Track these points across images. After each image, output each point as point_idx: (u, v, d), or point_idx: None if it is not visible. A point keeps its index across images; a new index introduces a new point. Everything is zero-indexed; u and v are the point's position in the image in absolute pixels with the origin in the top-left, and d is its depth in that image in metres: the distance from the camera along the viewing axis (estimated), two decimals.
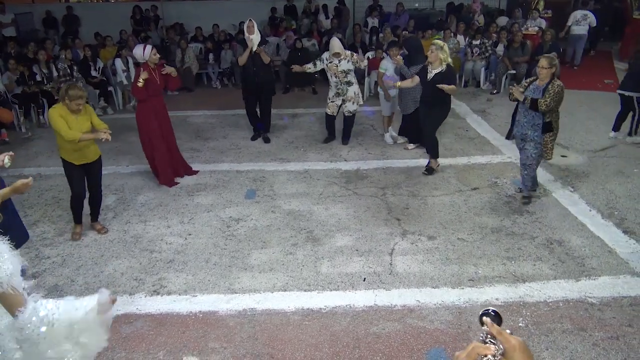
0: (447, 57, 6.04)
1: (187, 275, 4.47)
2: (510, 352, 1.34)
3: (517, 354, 1.33)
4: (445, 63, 6.01)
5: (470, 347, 1.37)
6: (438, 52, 5.96)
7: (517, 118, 5.50)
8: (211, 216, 5.51)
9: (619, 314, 3.84)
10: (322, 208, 5.62)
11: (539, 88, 5.21)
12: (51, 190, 6.23)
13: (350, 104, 7.36)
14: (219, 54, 11.48)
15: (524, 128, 5.36)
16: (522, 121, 5.38)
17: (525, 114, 5.32)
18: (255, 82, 7.29)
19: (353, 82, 7.31)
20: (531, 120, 5.27)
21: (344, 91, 7.27)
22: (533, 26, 11.86)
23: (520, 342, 1.36)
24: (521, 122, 5.40)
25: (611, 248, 4.72)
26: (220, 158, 7.18)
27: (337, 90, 7.31)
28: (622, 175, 6.26)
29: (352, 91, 7.30)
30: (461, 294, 4.13)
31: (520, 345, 1.35)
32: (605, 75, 11.15)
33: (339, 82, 7.23)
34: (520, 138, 5.45)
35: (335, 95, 7.36)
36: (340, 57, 7.12)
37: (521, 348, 1.35)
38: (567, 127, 8.04)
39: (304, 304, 4.05)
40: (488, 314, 1.48)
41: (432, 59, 6.02)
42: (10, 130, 8.34)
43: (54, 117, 4.65)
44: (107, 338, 2.26)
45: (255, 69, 7.20)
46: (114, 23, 12.71)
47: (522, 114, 5.37)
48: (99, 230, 5.27)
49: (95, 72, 9.93)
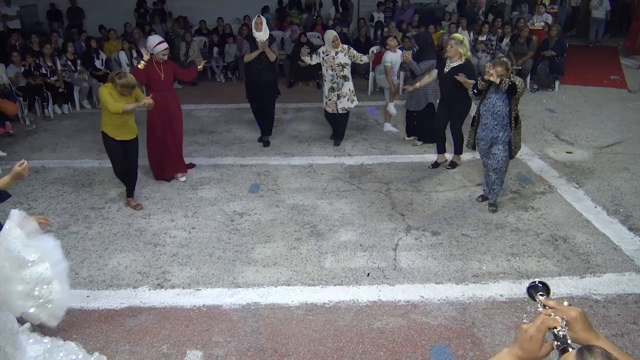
0: (467, 51, 5.89)
1: (191, 269, 4.47)
2: (573, 323, 1.39)
3: (579, 324, 1.39)
4: (465, 57, 5.88)
5: (539, 320, 1.40)
6: (458, 46, 5.82)
7: (483, 122, 5.16)
8: (215, 210, 5.51)
9: (623, 311, 3.83)
10: (326, 203, 5.61)
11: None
12: (55, 183, 6.23)
13: (345, 100, 7.10)
14: (223, 47, 11.45)
15: (494, 131, 5.09)
16: (491, 124, 5.09)
17: (494, 116, 5.03)
18: (258, 80, 7.01)
19: (349, 77, 7.09)
20: (501, 121, 5.03)
21: (339, 85, 7.02)
22: (539, 21, 11.79)
23: (579, 312, 1.41)
24: (489, 125, 5.11)
25: (616, 245, 4.70)
26: (224, 152, 7.18)
27: (332, 84, 7.02)
28: (627, 171, 6.23)
29: (347, 87, 7.07)
30: (465, 290, 4.12)
31: (580, 316, 1.40)
32: (611, 72, 11.08)
33: (335, 76, 6.97)
34: (490, 143, 5.17)
35: (330, 90, 7.07)
36: (337, 48, 6.93)
37: (582, 318, 1.40)
38: (572, 124, 8.02)
39: (308, 299, 4.05)
40: (536, 286, 1.50)
41: (451, 54, 5.88)
42: (15, 123, 8.34)
43: (103, 93, 5.09)
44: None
45: (260, 67, 6.93)
46: (118, 16, 12.70)
47: (490, 117, 5.07)
48: (134, 206, 5.54)
49: (99, 64, 9.91)
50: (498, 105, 5.00)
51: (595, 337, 1.39)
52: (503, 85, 4.87)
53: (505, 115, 5.00)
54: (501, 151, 5.11)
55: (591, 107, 8.85)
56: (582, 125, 7.93)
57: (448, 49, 5.94)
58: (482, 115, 5.17)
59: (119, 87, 5.06)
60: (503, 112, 5.00)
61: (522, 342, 1.40)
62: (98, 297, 4.12)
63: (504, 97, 4.96)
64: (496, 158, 5.17)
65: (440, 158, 6.52)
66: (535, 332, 1.38)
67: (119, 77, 5.05)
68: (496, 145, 5.13)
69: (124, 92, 5.10)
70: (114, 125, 5.24)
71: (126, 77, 5.06)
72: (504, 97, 4.96)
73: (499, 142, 5.10)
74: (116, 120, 5.18)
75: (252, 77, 7.09)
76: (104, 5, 13.96)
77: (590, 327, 1.41)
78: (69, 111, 9.28)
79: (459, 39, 5.92)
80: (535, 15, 12.22)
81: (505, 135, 5.06)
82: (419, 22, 11.66)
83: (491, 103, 5.05)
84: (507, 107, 4.98)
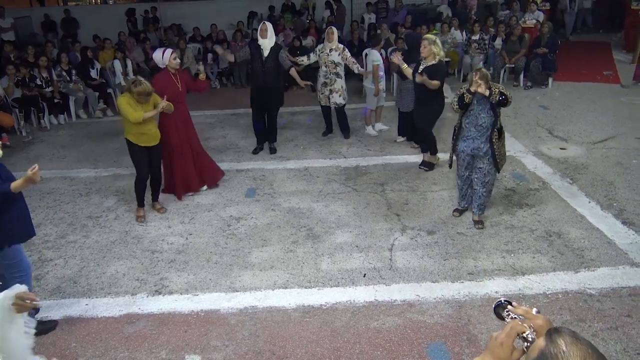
0: (440, 51, 5.86)
1: (189, 275, 4.50)
2: (539, 330, 1.45)
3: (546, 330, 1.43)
4: (438, 57, 5.85)
5: (508, 327, 1.47)
6: (431, 46, 5.82)
7: (465, 135, 4.90)
8: (212, 215, 5.54)
9: (618, 304, 3.86)
10: (322, 205, 5.65)
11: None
12: (52, 193, 6.26)
13: (337, 96, 7.42)
14: (217, 53, 11.48)
15: (476, 142, 4.82)
16: (474, 136, 4.83)
17: (478, 128, 4.79)
18: (264, 87, 6.88)
19: (342, 75, 7.43)
20: (484, 132, 4.77)
21: (332, 81, 7.35)
22: (531, 19, 11.86)
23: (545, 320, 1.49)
24: (471, 136, 4.85)
25: (610, 239, 4.74)
26: (220, 157, 7.19)
27: (324, 79, 7.37)
28: (620, 166, 6.27)
29: (339, 84, 7.40)
30: (461, 288, 4.15)
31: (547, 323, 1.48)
32: (604, 67, 11.14)
33: (328, 72, 7.33)
34: (472, 156, 4.92)
35: (322, 85, 7.44)
36: (331, 43, 7.27)
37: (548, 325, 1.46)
38: (566, 120, 8.06)
39: (305, 301, 4.08)
40: (501, 304, 1.57)
41: (425, 54, 5.88)
42: (11, 134, 8.38)
43: (122, 103, 5.13)
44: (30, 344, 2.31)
45: (264, 73, 6.80)
46: (112, 25, 12.79)
47: (473, 129, 4.82)
48: (159, 210, 5.64)
49: (94, 74, 9.95)
50: (482, 117, 4.77)
51: None
52: (493, 96, 4.62)
53: (490, 126, 4.76)
54: (486, 164, 4.86)
55: (584, 103, 8.89)
56: (575, 121, 7.97)
57: (422, 49, 5.90)
58: (465, 128, 4.91)
59: (136, 95, 5.06)
60: (487, 123, 4.76)
61: (493, 349, 1.47)
62: (96, 305, 4.15)
63: (488, 107, 4.73)
64: (482, 171, 4.91)
65: (431, 158, 6.52)
66: (505, 338, 1.45)
67: (135, 85, 5.05)
68: (480, 158, 4.87)
69: (141, 99, 5.10)
70: (138, 133, 5.26)
71: (142, 85, 5.04)
72: (488, 108, 4.74)
73: (482, 153, 4.83)
74: (138, 128, 5.21)
75: (257, 84, 6.97)
76: (97, 15, 14.07)
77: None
78: (65, 121, 9.32)
79: (432, 39, 5.89)
80: (527, 13, 12.29)
81: (487, 147, 4.79)
82: (412, 23, 11.72)
83: (474, 115, 4.81)
84: (491, 119, 4.75)
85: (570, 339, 1.27)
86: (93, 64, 10.08)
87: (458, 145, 5.01)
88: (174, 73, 5.71)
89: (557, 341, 1.28)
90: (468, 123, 4.87)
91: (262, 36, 6.75)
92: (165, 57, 5.66)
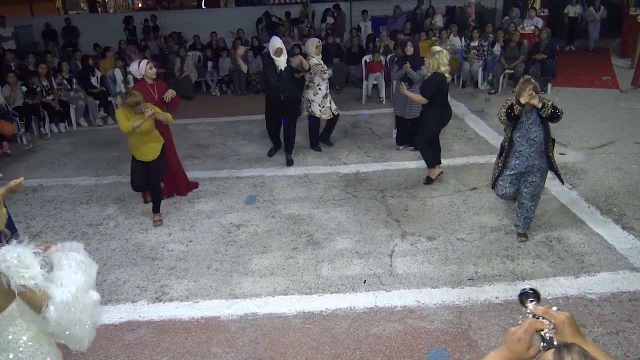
0: (436, 63, 5.76)
1: (189, 282, 4.50)
2: (561, 327, 1.43)
3: (567, 328, 1.43)
4: (433, 70, 5.80)
5: (526, 323, 1.46)
6: (428, 58, 5.85)
7: (517, 150, 4.56)
8: (212, 223, 5.55)
9: (618, 309, 3.86)
10: (322, 212, 5.65)
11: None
12: (53, 201, 6.28)
13: (333, 103, 7.44)
14: (217, 61, 11.55)
15: (530, 159, 4.52)
16: (527, 152, 4.50)
17: (530, 142, 4.47)
18: (280, 99, 6.82)
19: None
20: (538, 147, 4.47)
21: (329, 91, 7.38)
22: (529, 25, 11.92)
23: (567, 316, 1.45)
24: (524, 153, 4.51)
25: (610, 244, 4.74)
26: (220, 165, 7.23)
27: (326, 91, 7.28)
28: (620, 171, 6.28)
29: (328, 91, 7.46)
30: (461, 294, 4.15)
31: (568, 320, 1.44)
32: (603, 72, 11.17)
33: (327, 83, 7.32)
34: (525, 172, 4.61)
35: (323, 97, 7.24)
36: (319, 55, 7.19)
37: (569, 322, 1.44)
38: (565, 125, 8.07)
39: (305, 308, 4.08)
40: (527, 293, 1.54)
41: (426, 64, 5.95)
42: (12, 143, 8.41)
43: (118, 115, 5.24)
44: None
45: (281, 84, 6.75)
46: (113, 34, 12.84)
47: (525, 144, 4.50)
48: (155, 222, 5.60)
49: (95, 82, 10.00)
50: (533, 131, 4.45)
51: (583, 341, 1.42)
52: (546, 109, 4.33)
53: (542, 141, 4.46)
54: (539, 178, 4.62)
55: (584, 109, 8.91)
56: (575, 126, 7.99)
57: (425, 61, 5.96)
58: (516, 143, 4.55)
59: (128, 107, 5.13)
60: (540, 138, 4.45)
61: (510, 344, 1.46)
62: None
63: (539, 121, 4.45)
64: (534, 185, 4.64)
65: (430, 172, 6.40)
66: (523, 334, 1.44)
67: (126, 97, 5.14)
68: (533, 173, 4.60)
69: (135, 110, 5.13)
70: (132, 145, 5.37)
71: (131, 96, 5.09)
72: (539, 122, 4.45)
73: (536, 169, 4.58)
74: (133, 139, 5.30)
75: (273, 97, 6.90)
76: (98, 24, 14.15)
77: (578, 331, 1.45)
78: (65, 130, 9.35)
79: (433, 51, 5.85)
80: (526, 19, 12.35)
81: (542, 162, 4.53)
82: (412, 30, 11.77)
83: (526, 128, 4.48)
84: (543, 132, 4.45)
85: (578, 357, 1.27)
86: (94, 72, 10.12)
87: (509, 162, 4.65)
88: (150, 84, 5.78)
89: (565, 358, 1.27)
90: (519, 137, 4.52)
91: (277, 55, 6.69)
92: (141, 68, 5.76)
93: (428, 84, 5.87)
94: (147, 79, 5.76)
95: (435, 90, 5.82)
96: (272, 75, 6.77)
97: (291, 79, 6.86)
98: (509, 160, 4.65)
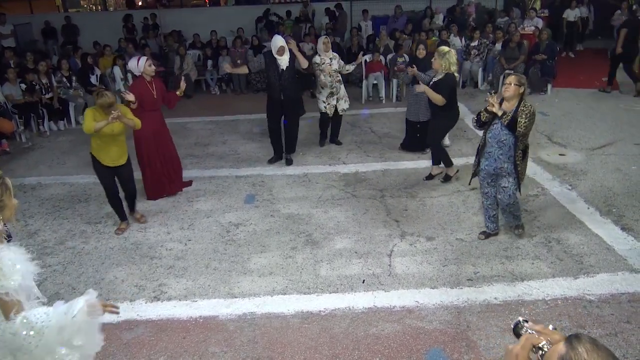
0: (447, 64, 5.74)
1: (187, 281, 4.49)
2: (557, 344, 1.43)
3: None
4: (445, 71, 5.77)
5: (523, 339, 1.49)
6: (438, 59, 5.80)
7: (488, 150, 4.65)
8: (211, 222, 5.54)
9: (617, 310, 3.85)
10: (321, 211, 5.65)
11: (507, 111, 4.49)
12: (51, 199, 6.27)
13: (343, 102, 7.52)
14: (217, 60, 11.53)
15: (499, 161, 4.59)
16: (496, 154, 4.58)
17: (500, 144, 4.53)
18: (280, 99, 6.78)
19: (342, 81, 7.55)
20: (507, 152, 4.52)
21: (337, 89, 7.41)
22: (530, 26, 11.91)
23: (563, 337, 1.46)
24: (494, 154, 4.60)
25: (609, 245, 4.73)
26: (219, 164, 7.22)
27: (331, 89, 7.33)
28: (619, 172, 6.27)
29: (342, 90, 7.53)
30: (460, 294, 4.14)
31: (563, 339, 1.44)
32: (603, 73, 11.14)
33: (333, 81, 7.32)
34: (494, 174, 4.69)
35: (329, 95, 7.38)
36: (328, 52, 7.27)
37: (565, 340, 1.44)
38: (565, 126, 8.08)
39: (304, 307, 4.07)
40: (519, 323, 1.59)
41: (434, 67, 5.92)
42: (11, 140, 8.40)
43: (86, 113, 5.03)
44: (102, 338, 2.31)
45: (282, 84, 6.70)
46: (112, 32, 12.84)
47: (495, 145, 4.57)
48: (139, 219, 5.56)
49: (94, 80, 9.98)
50: (503, 134, 4.51)
51: None
52: (505, 118, 4.44)
53: (512, 145, 4.50)
54: (512, 184, 4.63)
55: (583, 109, 8.91)
56: (574, 127, 7.99)
57: (432, 62, 5.94)
58: (488, 143, 4.64)
59: (99, 107, 4.93)
60: (509, 142, 4.49)
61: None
62: None
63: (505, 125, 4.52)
64: (507, 192, 4.67)
65: (434, 170, 6.45)
66: (520, 350, 1.47)
67: (98, 97, 4.91)
68: (505, 177, 4.64)
69: (106, 112, 4.91)
70: (97, 147, 5.11)
71: (102, 97, 4.88)
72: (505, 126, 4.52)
73: (505, 173, 4.62)
74: (97, 141, 5.06)
75: (274, 94, 6.84)
76: (98, 22, 14.12)
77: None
78: (64, 127, 9.34)
79: (440, 52, 5.83)
80: (526, 19, 12.34)
81: (510, 166, 4.58)
82: (412, 30, 11.76)
83: (497, 130, 4.55)
84: (512, 138, 4.47)
85: (590, 346, 1.28)
86: (93, 70, 10.12)
87: (481, 162, 4.76)
88: (149, 81, 5.77)
89: (578, 348, 1.29)
90: (491, 138, 4.60)
91: (279, 54, 6.65)
92: (140, 65, 5.75)
93: (443, 84, 5.82)
94: (146, 75, 5.78)
95: (450, 90, 5.86)
96: (274, 74, 6.74)
97: (292, 78, 6.83)
98: (481, 162, 4.77)
